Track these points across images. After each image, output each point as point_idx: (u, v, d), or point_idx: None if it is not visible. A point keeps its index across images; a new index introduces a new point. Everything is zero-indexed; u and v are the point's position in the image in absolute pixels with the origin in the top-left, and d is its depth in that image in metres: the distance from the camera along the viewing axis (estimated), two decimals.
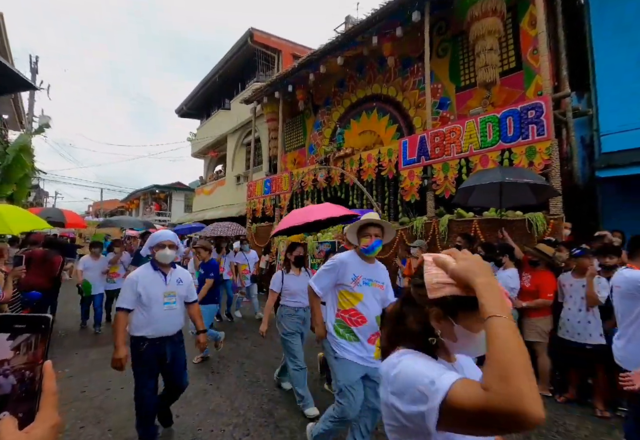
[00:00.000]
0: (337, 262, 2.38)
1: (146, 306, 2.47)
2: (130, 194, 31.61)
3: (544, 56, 5.02)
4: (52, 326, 0.53)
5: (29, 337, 0.51)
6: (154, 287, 2.51)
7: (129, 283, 2.48)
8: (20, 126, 14.21)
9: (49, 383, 0.50)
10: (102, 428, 2.88)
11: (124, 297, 2.45)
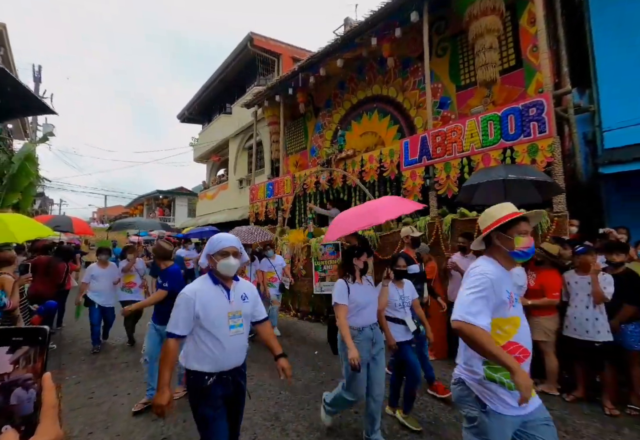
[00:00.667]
0: (487, 277, 1.57)
1: (208, 331, 1.92)
2: (134, 200, 31.84)
3: (544, 53, 5.00)
4: (49, 338, 0.52)
5: (28, 350, 0.51)
6: (216, 306, 1.96)
7: (184, 301, 1.92)
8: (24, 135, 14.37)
9: (49, 395, 0.50)
10: (110, 434, 2.89)
11: (177, 320, 1.90)
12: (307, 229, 7.67)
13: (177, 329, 1.90)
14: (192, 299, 1.91)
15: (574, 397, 3.39)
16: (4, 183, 7.08)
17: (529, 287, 3.70)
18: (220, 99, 17.39)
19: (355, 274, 2.81)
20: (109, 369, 4.30)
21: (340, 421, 3.05)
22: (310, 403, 3.39)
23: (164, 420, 3.06)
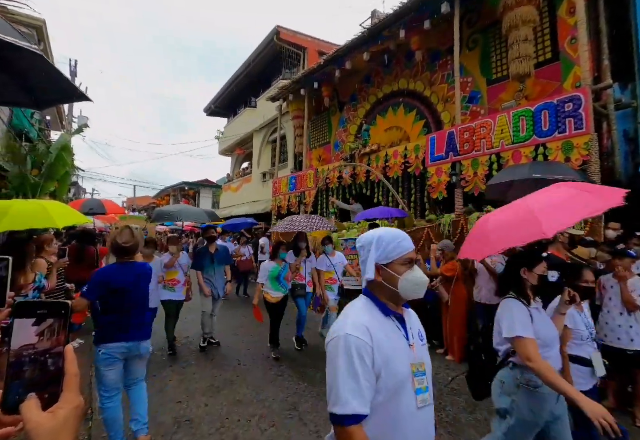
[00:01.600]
0: None
1: (386, 396, 1.07)
2: (161, 191, 32.79)
3: (584, 45, 4.76)
4: (71, 312, 0.55)
5: (52, 322, 0.54)
6: (399, 356, 1.11)
7: (356, 349, 1.05)
8: (61, 126, 15.04)
9: (71, 366, 0.53)
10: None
11: (350, 386, 1.01)
12: None
13: (357, 402, 1.00)
14: (369, 346, 1.06)
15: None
16: (43, 171, 7.45)
17: None
18: (246, 92, 17.55)
19: (528, 293, 1.93)
20: None
21: None
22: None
23: (188, 403, 3.18)
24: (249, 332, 5.53)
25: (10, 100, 2.83)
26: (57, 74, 2.08)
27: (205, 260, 4.82)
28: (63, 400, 0.51)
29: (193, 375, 3.85)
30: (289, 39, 13.27)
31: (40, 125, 12.04)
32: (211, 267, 4.81)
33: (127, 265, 2.61)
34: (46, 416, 0.49)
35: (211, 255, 4.83)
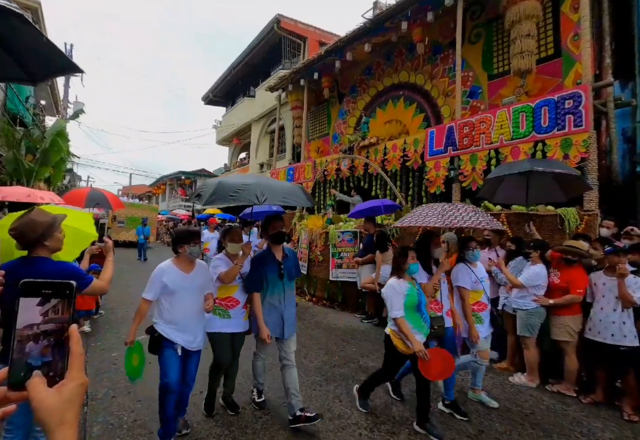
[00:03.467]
0: None
1: None
2: (157, 180, 32.57)
3: (586, 42, 4.75)
4: (75, 292, 0.56)
5: (57, 303, 0.54)
6: None
7: None
8: (56, 112, 14.80)
9: (75, 346, 0.54)
10: (132, 399, 3.06)
11: None
12: (326, 215, 7.69)
13: None
14: None
15: (591, 399, 3.33)
16: (37, 157, 7.36)
17: (555, 284, 3.60)
18: (245, 82, 17.35)
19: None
20: None
21: (352, 405, 3.12)
22: (322, 385, 3.48)
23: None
24: None
25: (5, 76, 2.75)
26: (46, 42, 2.03)
27: (269, 274, 2.85)
28: (69, 377, 0.52)
29: None
30: (290, 28, 13.10)
31: (35, 110, 11.84)
32: (279, 285, 2.86)
33: (28, 263, 1.81)
34: (52, 393, 0.50)
35: (279, 265, 2.86)
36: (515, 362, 4.00)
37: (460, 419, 2.93)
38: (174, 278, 2.42)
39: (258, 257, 2.94)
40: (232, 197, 2.61)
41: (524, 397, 3.42)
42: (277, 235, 2.88)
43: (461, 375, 3.60)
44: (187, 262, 2.52)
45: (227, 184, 2.76)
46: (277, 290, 2.85)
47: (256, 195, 2.60)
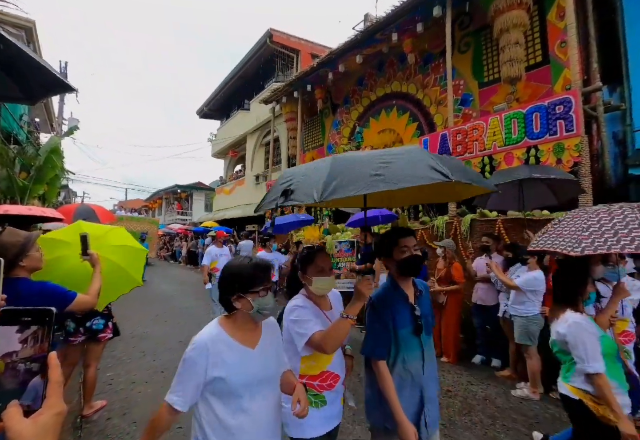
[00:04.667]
0: None
1: None
2: (153, 194, 32.53)
3: (573, 49, 4.83)
4: (54, 319, 0.54)
5: (36, 330, 0.53)
6: None
7: None
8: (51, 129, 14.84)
9: (54, 373, 0.53)
10: (128, 420, 2.97)
11: None
12: (323, 226, 7.67)
13: None
14: None
15: None
16: (32, 174, 7.33)
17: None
18: (239, 95, 17.53)
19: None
20: (127, 358, 4.41)
21: (353, 421, 3.05)
22: None
23: None
24: None
25: (4, 95, 2.75)
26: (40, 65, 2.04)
27: (400, 328, 1.65)
28: (45, 406, 0.51)
29: None
30: (282, 42, 13.31)
31: (30, 128, 11.87)
32: (415, 344, 1.68)
33: (7, 284, 1.49)
34: (27, 423, 0.49)
35: (412, 310, 1.69)
36: (517, 370, 3.94)
37: (463, 432, 2.86)
38: (233, 362, 1.25)
39: (379, 299, 1.69)
40: (377, 178, 1.34)
41: (529, 406, 3.35)
42: (411, 262, 1.62)
43: None
44: (251, 325, 1.36)
45: (355, 160, 1.51)
46: (412, 353, 1.63)
47: (434, 168, 1.33)
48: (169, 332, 5.62)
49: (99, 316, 2.89)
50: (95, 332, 2.86)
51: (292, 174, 1.68)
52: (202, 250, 15.77)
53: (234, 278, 1.31)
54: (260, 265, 1.33)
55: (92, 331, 2.84)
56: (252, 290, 1.28)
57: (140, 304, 7.55)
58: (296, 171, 1.72)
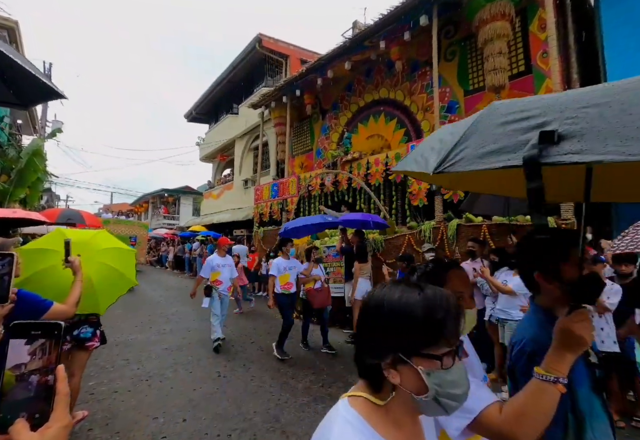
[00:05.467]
0: None
1: None
2: (139, 198, 32.02)
3: (554, 59, 4.98)
4: (63, 332, 0.57)
5: (44, 342, 0.55)
6: None
7: None
8: (33, 131, 14.52)
9: (62, 385, 0.54)
10: (110, 431, 2.88)
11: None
12: None
13: None
14: None
15: None
16: (12, 178, 7.14)
17: None
18: (228, 99, 17.48)
19: None
20: (110, 366, 4.31)
21: None
22: (311, 405, 3.37)
23: (165, 418, 3.05)
24: (227, 342, 5.40)
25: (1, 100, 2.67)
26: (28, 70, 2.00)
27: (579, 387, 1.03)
28: (53, 419, 0.52)
29: (170, 389, 3.71)
30: (271, 47, 13.36)
31: (11, 130, 11.58)
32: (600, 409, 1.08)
33: None
34: (34, 437, 0.50)
35: (584, 354, 1.06)
36: (503, 373, 3.99)
37: None
38: None
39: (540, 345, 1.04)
40: None
41: None
42: (594, 283, 1.02)
43: None
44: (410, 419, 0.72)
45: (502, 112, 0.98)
46: (600, 423, 1.06)
47: None
48: (154, 339, 5.51)
49: (86, 325, 2.82)
50: (82, 341, 2.78)
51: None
52: (189, 255, 15.58)
53: (393, 323, 0.67)
54: (448, 303, 0.68)
55: (79, 339, 2.76)
56: (429, 353, 0.65)
57: (124, 310, 7.38)
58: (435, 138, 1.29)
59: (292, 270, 5.09)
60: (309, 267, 5.24)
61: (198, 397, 3.51)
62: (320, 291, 5.15)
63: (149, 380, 3.92)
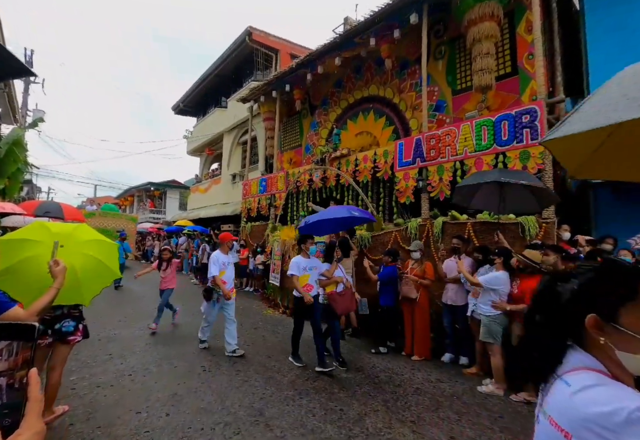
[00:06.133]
0: None
1: None
2: (124, 191, 31.40)
3: (540, 61, 5.08)
4: (37, 334, 0.53)
5: (9, 344, 0.52)
6: None
7: None
8: (13, 120, 14.04)
9: (34, 391, 0.51)
10: (92, 425, 2.86)
11: None
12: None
13: None
14: None
15: None
16: None
17: (512, 294, 3.73)
18: (216, 92, 17.24)
19: None
20: (92, 361, 4.25)
21: (325, 420, 3.07)
22: (295, 399, 3.41)
23: (148, 413, 3.04)
24: (214, 337, 5.39)
25: None
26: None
27: None
28: (24, 426, 0.49)
29: (154, 384, 3.69)
30: (261, 41, 13.22)
31: None
32: None
33: None
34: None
35: None
36: (484, 367, 4.10)
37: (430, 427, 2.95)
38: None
39: None
40: None
41: (493, 401, 3.50)
42: None
43: None
44: None
45: None
46: None
47: None
48: (138, 334, 5.46)
49: (69, 318, 2.78)
50: (64, 335, 2.74)
51: None
52: (176, 250, 15.39)
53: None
54: None
55: (61, 333, 2.72)
56: None
57: (108, 305, 7.27)
58: None
59: (313, 270, 4.45)
60: (331, 267, 4.61)
61: (182, 391, 3.51)
62: (343, 295, 4.53)
63: (132, 374, 3.89)
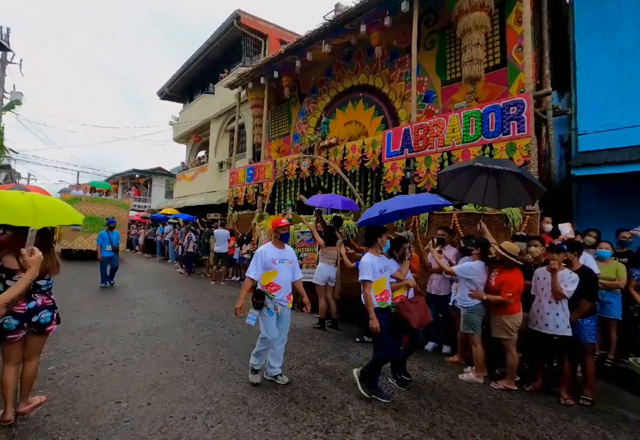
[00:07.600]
0: None
1: None
2: (108, 178, 30.60)
3: (528, 54, 5.07)
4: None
5: None
6: None
7: None
8: None
9: None
10: (70, 416, 2.80)
11: None
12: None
13: None
14: None
15: (533, 387, 3.56)
16: None
17: (490, 286, 3.72)
18: (203, 77, 16.80)
19: None
20: (72, 351, 4.17)
21: (307, 408, 3.09)
22: (278, 388, 3.41)
23: (128, 402, 3.00)
24: (199, 326, 5.35)
25: None
26: None
27: None
28: None
29: (135, 373, 3.64)
30: (250, 25, 12.87)
31: None
32: None
33: None
34: None
35: None
36: (465, 356, 4.18)
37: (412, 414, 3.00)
38: None
39: None
40: None
41: (473, 388, 3.57)
42: None
43: None
44: None
45: None
46: None
47: None
48: (119, 323, 5.37)
49: (45, 309, 2.68)
50: (43, 327, 2.65)
51: None
52: (161, 238, 15.15)
53: None
54: None
55: (39, 326, 2.63)
56: None
57: (90, 294, 7.13)
58: None
59: (387, 272, 3.45)
60: (402, 267, 3.65)
61: (164, 380, 3.47)
62: (417, 302, 3.56)
63: (113, 364, 3.83)
